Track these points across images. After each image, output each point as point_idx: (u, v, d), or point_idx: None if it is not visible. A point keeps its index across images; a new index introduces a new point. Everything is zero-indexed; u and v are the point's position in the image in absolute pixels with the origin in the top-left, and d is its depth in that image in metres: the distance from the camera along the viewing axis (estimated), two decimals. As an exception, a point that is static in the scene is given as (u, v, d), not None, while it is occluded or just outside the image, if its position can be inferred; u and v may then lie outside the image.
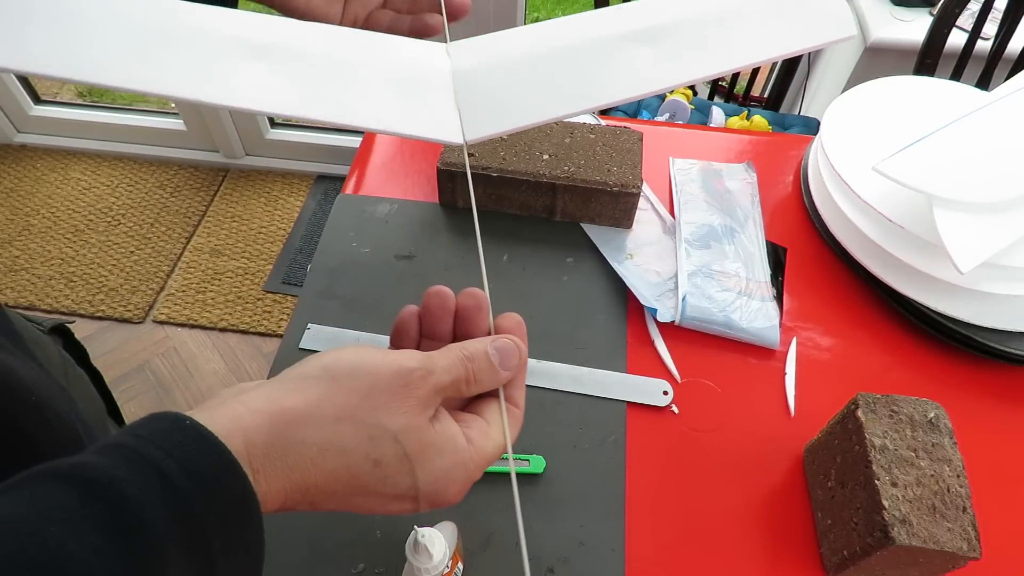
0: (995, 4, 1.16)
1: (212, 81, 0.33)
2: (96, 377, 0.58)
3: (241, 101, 0.33)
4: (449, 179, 0.69)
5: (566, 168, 0.67)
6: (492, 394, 0.31)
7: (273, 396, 0.26)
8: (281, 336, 1.19)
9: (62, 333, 0.56)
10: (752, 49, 0.37)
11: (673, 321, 0.62)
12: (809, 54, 1.63)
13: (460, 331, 0.33)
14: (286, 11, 0.44)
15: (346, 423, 0.26)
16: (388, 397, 0.27)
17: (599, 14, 0.42)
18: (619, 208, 0.68)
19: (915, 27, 1.42)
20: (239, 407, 0.26)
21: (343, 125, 0.35)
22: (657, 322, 0.63)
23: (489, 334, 0.32)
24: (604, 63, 0.39)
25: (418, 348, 0.33)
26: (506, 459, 0.30)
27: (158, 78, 0.32)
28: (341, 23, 0.46)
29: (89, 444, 0.49)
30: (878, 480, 0.43)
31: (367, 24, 0.48)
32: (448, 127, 0.37)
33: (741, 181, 0.75)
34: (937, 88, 0.77)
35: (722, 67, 0.37)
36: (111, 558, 0.20)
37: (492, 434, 0.30)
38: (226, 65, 0.35)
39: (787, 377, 0.60)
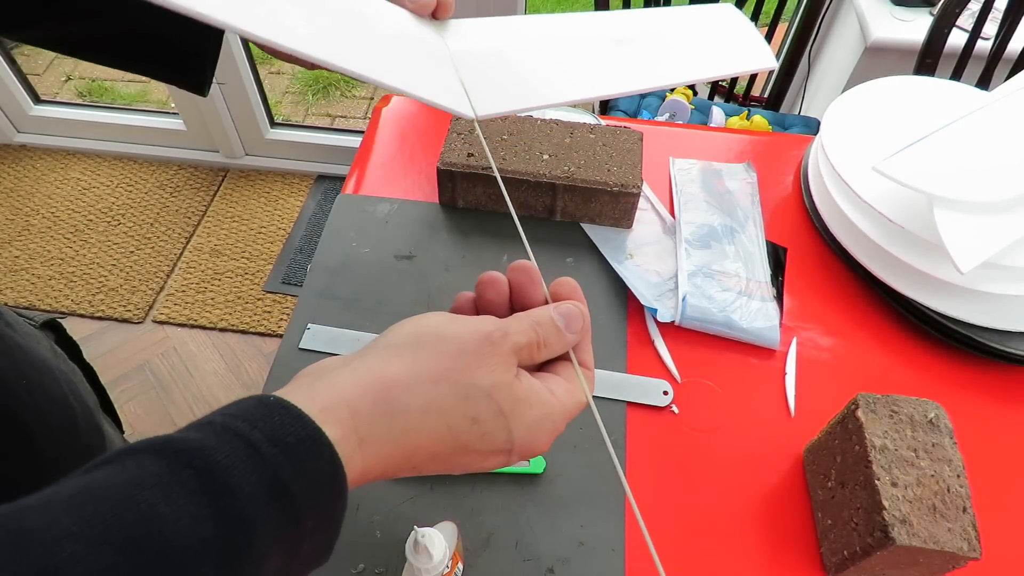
0: (995, 4, 1.16)
1: (252, 14, 0.32)
2: (89, 373, 0.58)
3: (278, 37, 0.32)
4: (449, 179, 0.69)
5: (566, 168, 0.67)
6: (562, 357, 0.32)
7: (372, 366, 0.28)
8: (281, 336, 1.19)
9: (54, 328, 0.56)
10: (688, 69, 0.41)
11: (673, 321, 0.62)
12: (809, 54, 1.63)
13: (517, 305, 0.34)
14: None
15: (443, 385, 0.27)
16: (476, 357, 0.28)
17: (569, 17, 0.44)
18: (619, 208, 0.68)
19: (915, 27, 1.42)
20: (340, 378, 0.27)
21: (364, 76, 0.34)
22: (657, 322, 0.63)
23: (546, 302, 0.33)
24: (585, 59, 0.41)
25: None
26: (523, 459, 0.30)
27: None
28: None
29: (86, 425, 0.49)
30: (878, 480, 0.43)
31: None
32: (460, 100, 0.37)
33: (741, 181, 0.75)
34: (937, 88, 0.77)
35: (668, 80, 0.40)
36: (202, 520, 0.21)
37: (572, 389, 0.31)
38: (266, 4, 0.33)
39: (787, 377, 0.60)
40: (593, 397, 0.55)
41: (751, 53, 0.44)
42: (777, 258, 0.68)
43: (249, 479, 0.22)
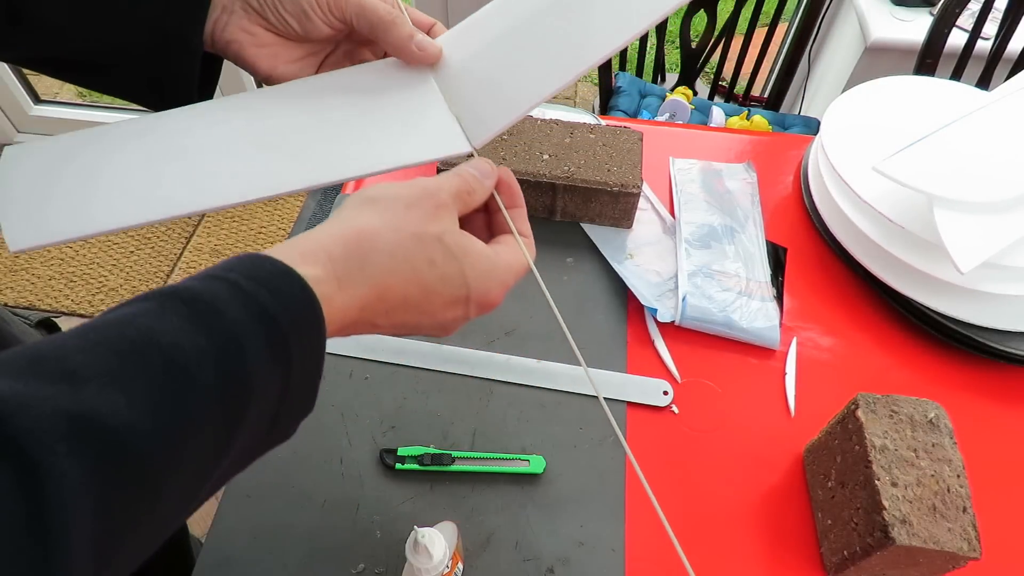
0: (995, 4, 1.16)
1: (229, 183, 0.38)
2: None
3: (259, 192, 0.38)
4: (449, 179, 0.69)
5: (566, 168, 0.67)
6: (504, 229, 0.38)
7: (341, 220, 0.32)
8: (281, 336, 1.18)
9: (49, 327, 0.56)
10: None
11: (673, 321, 0.62)
12: (809, 54, 1.63)
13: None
14: (252, 73, 0.43)
15: (401, 232, 0.32)
16: (422, 208, 0.33)
17: None
18: (619, 208, 0.68)
19: (915, 27, 1.42)
20: (316, 232, 0.31)
21: (356, 178, 0.40)
22: (657, 322, 0.63)
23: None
24: (562, 30, 0.39)
25: None
26: (501, 458, 0.32)
27: (177, 200, 0.37)
28: None
29: None
30: (878, 480, 0.43)
31: None
32: (454, 139, 0.39)
33: (741, 181, 0.75)
34: (937, 88, 0.77)
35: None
36: (195, 334, 0.24)
37: (514, 251, 0.36)
38: (236, 164, 0.39)
39: (787, 377, 0.60)
40: (593, 397, 0.56)
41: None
42: (777, 258, 0.68)
43: (233, 304, 0.25)
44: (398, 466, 0.52)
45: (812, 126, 1.37)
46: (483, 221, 0.39)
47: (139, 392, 0.22)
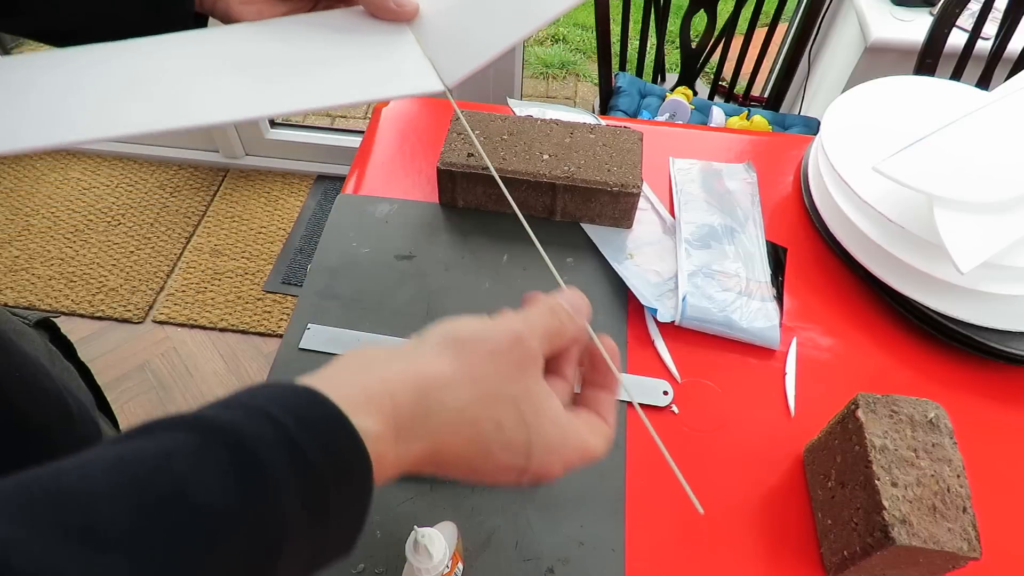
0: (995, 4, 1.16)
1: (194, 104, 0.37)
2: (84, 372, 0.58)
3: (229, 115, 0.37)
4: (449, 179, 0.69)
5: (566, 168, 0.67)
6: (591, 400, 0.34)
7: (416, 361, 0.29)
8: (281, 336, 1.20)
9: (48, 327, 0.56)
10: None
11: (673, 321, 0.62)
12: (809, 54, 1.63)
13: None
14: (226, 22, 0.45)
15: (477, 386, 0.29)
16: (507, 357, 0.30)
17: None
18: (619, 208, 0.68)
19: (915, 27, 1.42)
20: (386, 373, 0.28)
21: (329, 107, 0.38)
22: (657, 322, 0.63)
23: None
24: None
25: None
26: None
27: (149, 117, 0.36)
28: None
29: (81, 418, 0.49)
30: (878, 480, 0.43)
31: None
32: (426, 78, 0.40)
33: (741, 181, 0.75)
34: (937, 88, 0.77)
35: None
36: (230, 489, 0.22)
37: (595, 423, 0.33)
38: (211, 86, 0.38)
39: (787, 377, 0.60)
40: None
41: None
42: (777, 258, 0.68)
43: (279, 457, 0.23)
44: (398, 466, 0.52)
45: (812, 126, 1.37)
46: (571, 356, 0.35)
47: (158, 558, 0.20)
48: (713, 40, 1.40)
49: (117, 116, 0.36)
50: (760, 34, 1.44)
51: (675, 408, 0.58)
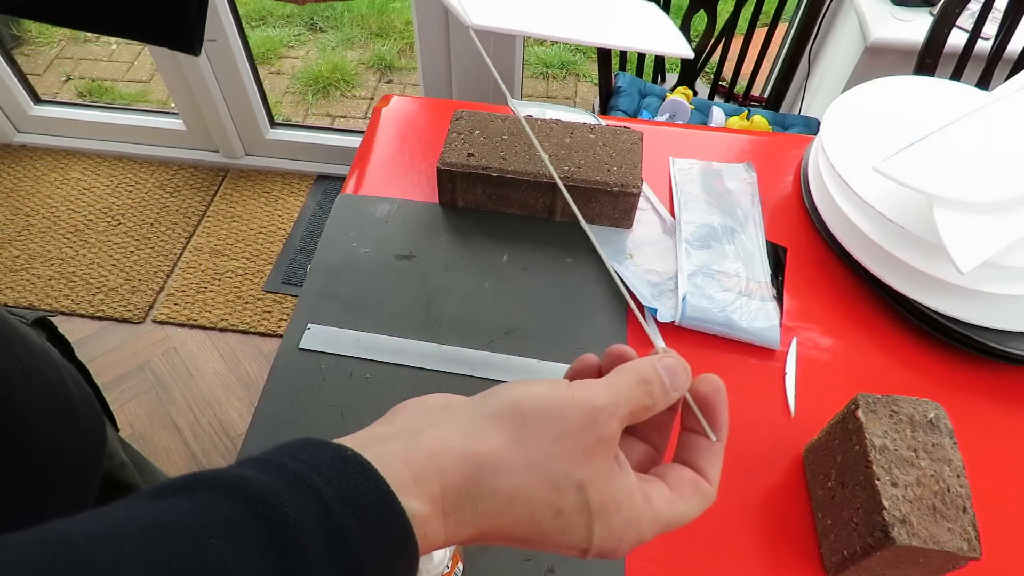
0: (995, 4, 1.16)
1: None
2: (83, 371, 0.58)
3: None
4: (449, 179, 0.69)
5: (566, 168, 0.67)
6: (676, 459, 0.30)
7: (468, 437, 0.26)
8: (281, 336, 1.20)
9: (45, 326, 0.56)
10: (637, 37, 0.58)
11: (673, 321, 0.62)
12: (809, 54, 1.63)
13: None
14: None
15: (535, 471, 0.26)
16: (576, 442, 0.26)
17: None
18: (619, 208, 0.68)
19: (915, 27, 1.42)
20: (436, 444, 0.25)
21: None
22: (657, 322, 0.63)
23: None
24: (569, 7, 0.54)
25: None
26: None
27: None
28: None
29: (85, 408, 0.49)
30: (878, 480, 0.43)
31: None
32: (458, 6, 0.45)
33: (741, 181, 0.75)
34: (937, 88, 0.77)
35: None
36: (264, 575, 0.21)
37: (674, 499, 0.28)
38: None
39: (787, 377, 0.60)
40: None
41: (674, 42, 0.60)
42: (777, 258, 0.68)
43: (318, 539, 0.22)
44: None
45: (812, 126, 1.37)
46: (662, 419, 0.31)
47: None
48: (713, 40, 1.40)
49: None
50: (760, 34, 1.44)
51: (660, 341, 0.57)
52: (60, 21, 0.44)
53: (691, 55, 0.57)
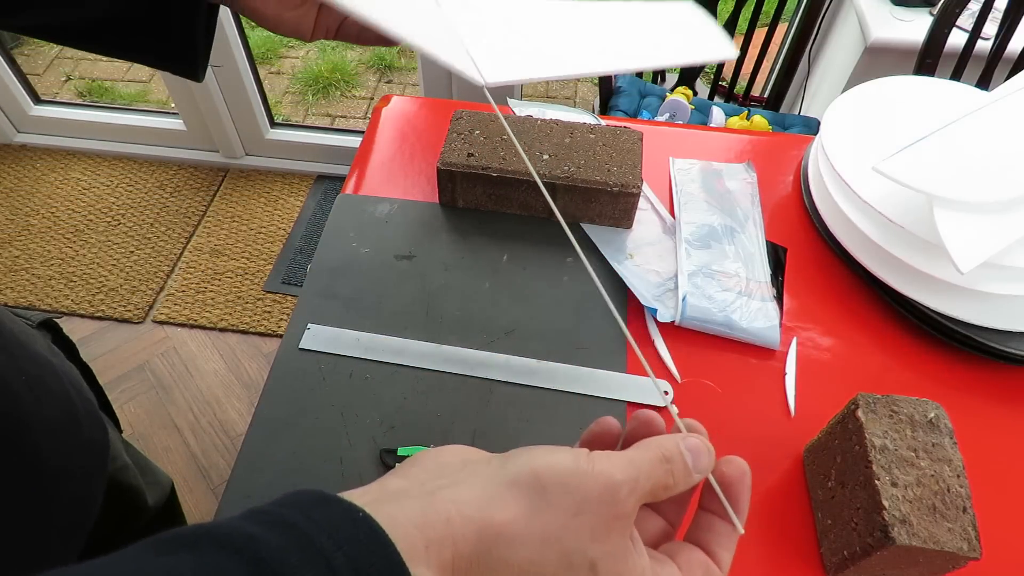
0: (995, 4, 1.16)
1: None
2: (86, 373, 0.58)
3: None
4: (449, 179, 0.69)
5: (566, 168, 0.67)
6: (689, 538, 0.30)
7: (485, 505, 0.25)
8: (281, 336, 1.20)
9: (51, 328, 0.56)
10: (666, 54, 0.50)
11: (673, 321, 0.62)
12: (809, 54, 1.63)
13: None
14: (256, 20, 0.45)
15: (550, 545, 0.25)
16: (595, 519, 0.25)
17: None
18: (619, 208, 0.68)
19: (915, 27, 1.42)
20: (452, 508, 0.25)
21: (393, 35, 0.37)
22: (657, 322, 0.63)
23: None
24: (580, 37, 0.45)
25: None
26: None
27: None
28: (312, 35, 0.47)
29: (88, 419, 0.49)
30: (878, 480, 0.43)
31: (339, 34, 0.48)
32: (469, 68, 0.39)
33: (741, 181, 0.75)
34: (937, 88, 0.77)
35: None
36: None
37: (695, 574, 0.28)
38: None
39: (787, 377, 0.60)
40: (593, 397, 0.55)
41: (714, 44, 0.51)
42: (777, 258, 0.68)
43: None
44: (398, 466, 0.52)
45: (812, 126, 1.37)
46: (680, 495, 0.30)
47: None
48: (713, 40, 1.40)
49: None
50: (760, 34, 1.44)
51: (675, 408, 0.58)
52: (67, 42, 0.44)
53: (735, 55, 0.49)
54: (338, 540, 0.22)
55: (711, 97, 1.55)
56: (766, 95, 1.52)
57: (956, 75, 1.23)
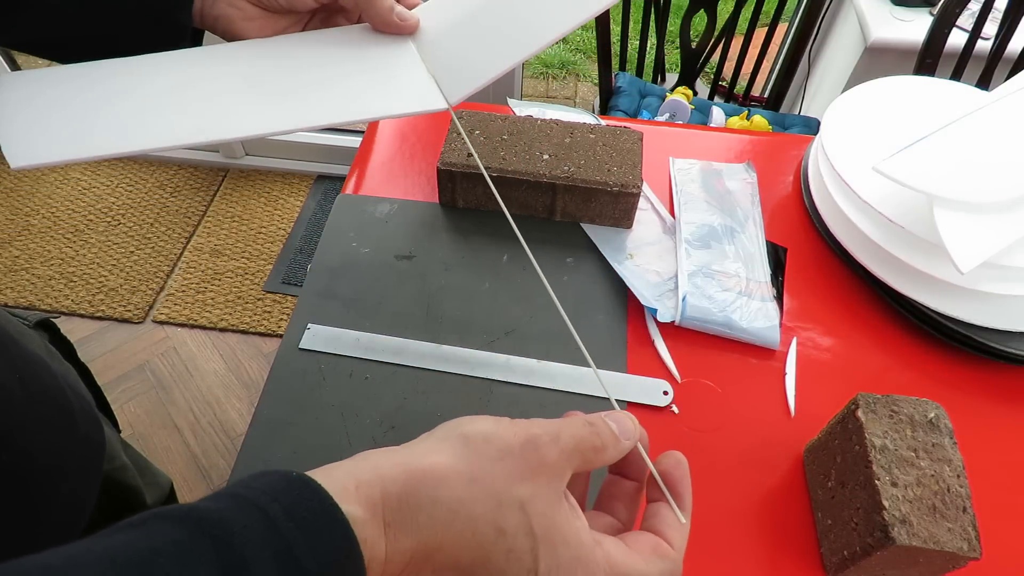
0: (995, 4, 1.16)
1: (217, 121, 0.40)
2: (84, 373, 0.58)
3: (243, 131, 0.39)
4: (449, 179, 0.69)
5: (566, 168, 0.67)
6: (643, 527, 0.31)
7: (414, 453, 0.27)
8: (281, 336, 1.20)
9: (47, 328, 0.56)
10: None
11: (673, 321, 0.62)
12: (809, 54, 1.63)
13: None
14: (228, 38, 0.46)
15: (478, 485, 0.26)
16: (519, 462, 0.27)
17: None
18: (619, 208, 0.68)
19: (915, 27, 1.42)
20: (381, 459, 0.27)
21: (337, 124, 0.40)
22: (657, 322, 0.63)
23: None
24: (532, 6, 0.45)
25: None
26: None
27: (166, 133, 0.39)
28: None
29: (84, 417, 0.49)
30: (878, 480, 0.43)
31: None
32: (430, 97, 0.42)
33: (741, 181, 0.75)
34: (937, 88, 0.77)
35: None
36: None
37: (632, 556, 0.28)
38: (225, 103, 0.40)
39: (787, 377, 0.60)
40: (593, 397, 0.55)
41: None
42: (777, 258, 0.68)
43: (264, 554, 0.22)
44: (398, 466, 0.52)
45: (812, 126, 1.37)
46: (628, 494, 0.33)
47: None
48: (713, 40, 1.40)
49: (168, 128, 0.39)
50: (760, 34, 1.44)
51: (675, 408, 0.58)
52: (55, 58, 0.45)
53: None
54: (274, 494, 0.24)
55: (711, 97, 1.55)
56: (766, 95, 1.52)
57: (956, 75, 1.23)
